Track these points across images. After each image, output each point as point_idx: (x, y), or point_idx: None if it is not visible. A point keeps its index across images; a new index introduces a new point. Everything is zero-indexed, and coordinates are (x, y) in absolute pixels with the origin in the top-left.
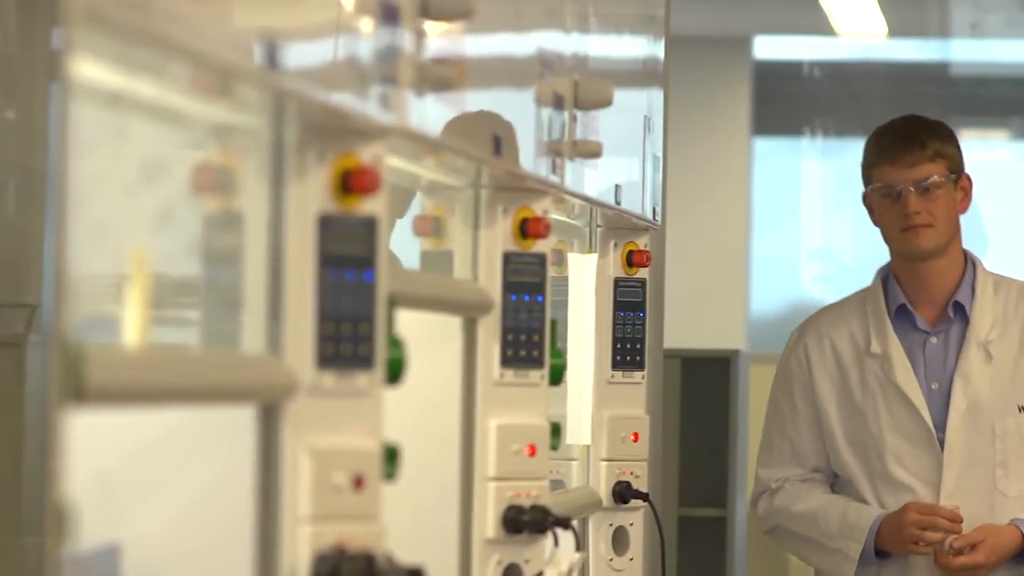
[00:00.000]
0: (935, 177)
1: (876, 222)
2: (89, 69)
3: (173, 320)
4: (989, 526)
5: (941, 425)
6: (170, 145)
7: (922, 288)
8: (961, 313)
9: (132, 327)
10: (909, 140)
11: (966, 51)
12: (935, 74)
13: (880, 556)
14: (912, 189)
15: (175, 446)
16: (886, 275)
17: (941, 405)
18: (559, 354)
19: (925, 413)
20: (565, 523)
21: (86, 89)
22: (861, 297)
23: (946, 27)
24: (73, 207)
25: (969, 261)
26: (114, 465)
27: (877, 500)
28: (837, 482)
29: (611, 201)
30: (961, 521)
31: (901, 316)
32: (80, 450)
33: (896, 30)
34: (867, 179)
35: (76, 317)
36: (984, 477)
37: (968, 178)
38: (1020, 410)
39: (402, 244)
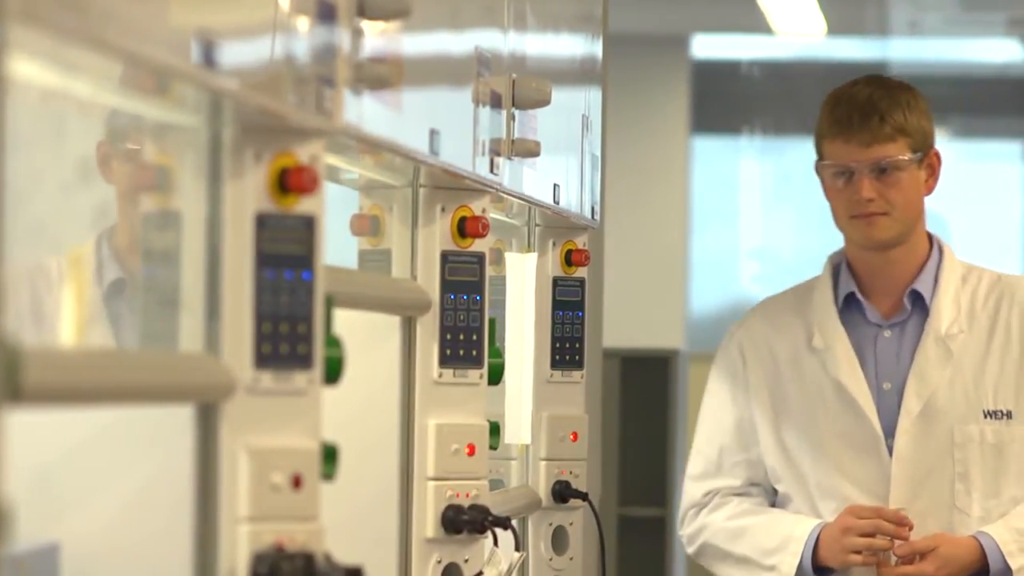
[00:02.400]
0: (896, 158)
1: (827, 198)
2: (24, 67)
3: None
4: (944, 535)
5: (892, 431)
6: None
7: (877, 277)
8: (920, 304)
9: (69, 326)
10: (866, 114)
11: (905, 50)
12: (874, 73)
13: (820, 573)
14: (867, 172)
15: (113, 445)
16: (838, 262)
17: (893, 408)
18: (498, 353)
19: (872, 416)
20: (504, 523)
21: (21, 88)
22: (808, 286)
23: (885, 26)
24: (9, 206)
25: (935, 247)
26: (52, 464)
27: (816, 516)
28: (778, 499)
29: (549, 200)
30: (910, 527)
31: (851, 307)
32: (17, 449)
33: (834, 29)
34: (818, 150)
35: (12, 316)
36: (940, 492)
37: (937, 155)
38: (985, 416)
39: (340, 243)
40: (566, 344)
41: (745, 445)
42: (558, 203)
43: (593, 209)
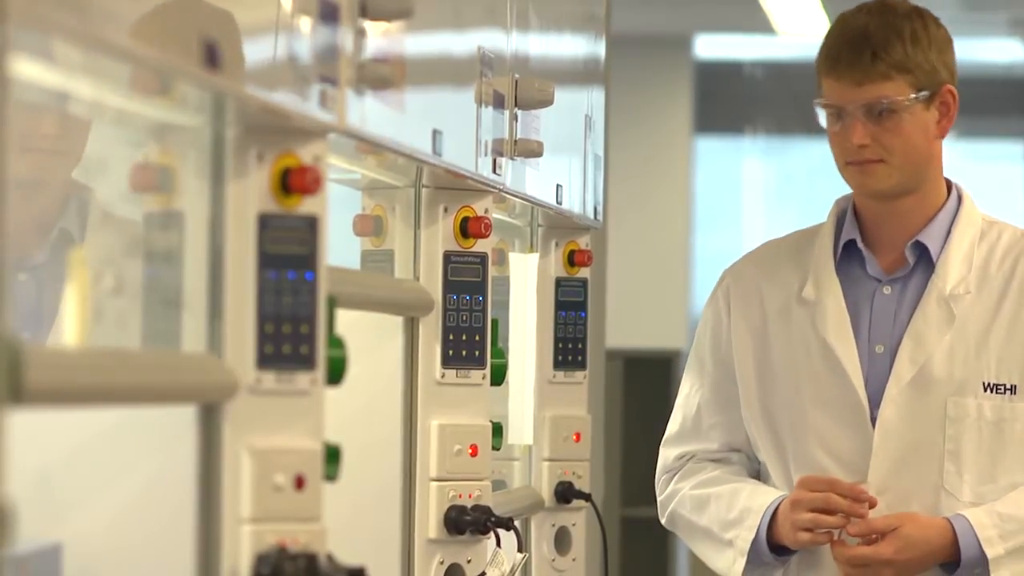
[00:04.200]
0: (892, 99)
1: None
2: (26, 68)
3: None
4: (909, 514)
5: (879, 399)
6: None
7: (881, 227)
8: (927, 259)
9: (72, 326)
10: (857, 49)
11: None
12: None
13: (778, 553)
14: (860, 114)
15: (115, 446)
16: (844, 207)
17: (883, 373)
18: (500, 354)
19: (858, 381)
20: (507, 523)
21: (23, 88)
22: (812, 231)
23: None
24: (11, 206)
25: (953, 196)
26: (54, 465)
27: (790, 489)
28: (761, 470)
29: (552, 201)
30: (870, 504)
31: (851, 258)
32: (20, 450)
33: None
34: (818, 87)
35: (14, 316)
36: (928, 472)
37: (952, 92)
38: (986, 389)
39: (343, 243)
40: (569, 345)
41: (724, 405)
42: (561, 203)
43: (596, 209)
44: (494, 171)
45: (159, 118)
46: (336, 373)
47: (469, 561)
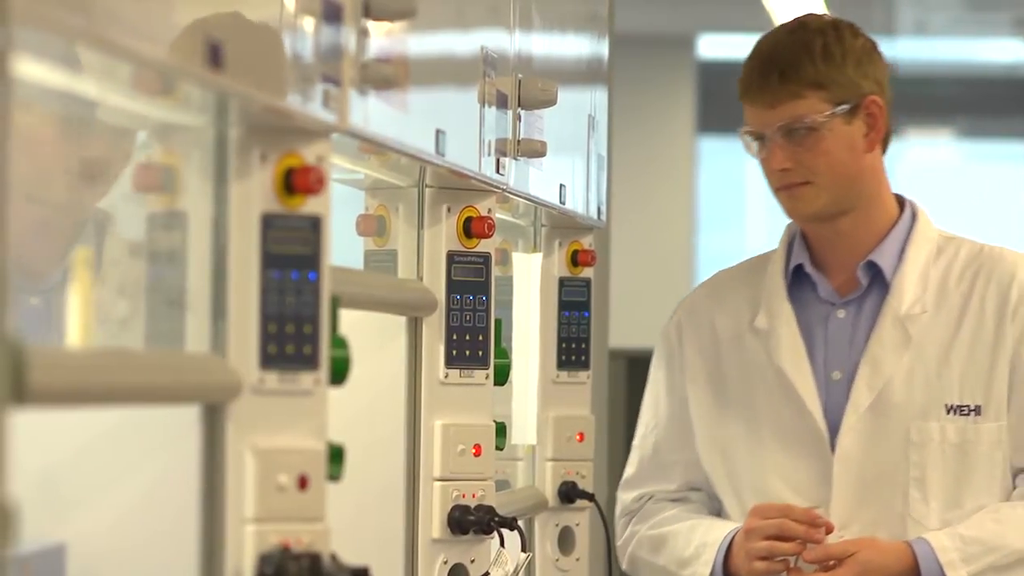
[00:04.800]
0: (808, 117)
1: None
2: (30, 68)
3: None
4: (867, 539)
5: (838, 427)
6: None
7: (828, 250)
8: (880, 278)
9: (75, 327)
10: (765, 71)
11: (911, 50)
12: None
13: None
14: (778, 137)
15: (119, 446)
16: (795, 232)
17: (841, 400)
18: (504, 354)
19: (815, 409)
20: (511, 523)
21: (27, 88)
22: (765, 258)
23: (891, 26)
24: (13, 206)
25: (907, 213)
26: (57, 465)
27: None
28: (722, 507)
29: (555, 201)
30: (827, 529)
31: (801, 282)
32: (23, 450)
33: None
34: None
35: (17, 316)
36: (892, 500)
37: (877, 103)
38: (948, 411)
39: (346, 243)
40: (572, 344)
41: (682, 443)
42: (564, 203)
43: (599, 209)
44: (497, 171)
45: (162, 118)
46: (339, 373)
47: (473, 561)
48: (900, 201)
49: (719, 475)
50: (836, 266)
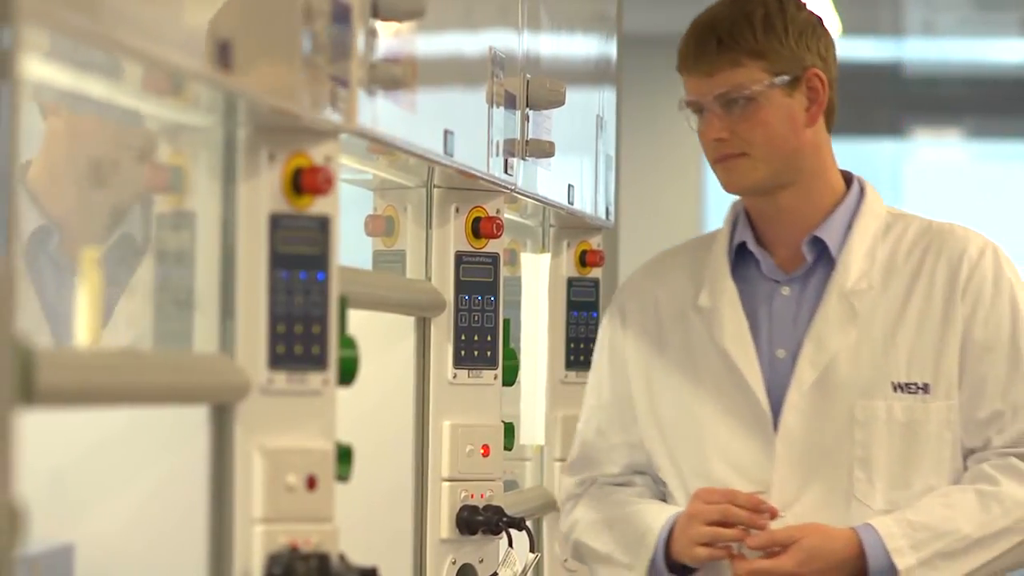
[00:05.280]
0: (745, 86)
1: None
2: (39, 68)
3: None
4: (812, 525)
5: (782, 406)
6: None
7: (771, 226)
8: (827, 255)
9: (84, 327)
10: (704, 39)
11: (919, 50)
12: (888, 73)
13: (679, 572)
14: (716, 107)
15: (127, 446)
16: (739, 211)
17: (786, 379)
18: (512, 354)
19: (758, 388)
20: (519, 523)
21: (36, 88)
22: (708, 238)
23: (899, 26)
24: (22, 206)
25: (854, 189)
26: (66, 465)
27: None
28: (666, 488)
29: (564, 201)
30: (771, 514)
31: (746, 260)
32: (32, 450)
33: (849, 29)
34: None
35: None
36: (838, 480)
37: (818, 76)
38: (895, 389)
39: (355, 243)
40: (581, 345)
41: (624, 425)
42: (572, 204)
43: (607, 209)
44: (506, 171)
45: (170, 118)
46: (348, 373)
47: (481, 561)
48: (848, 178)
49: (662, 457)
50: (780, 243)
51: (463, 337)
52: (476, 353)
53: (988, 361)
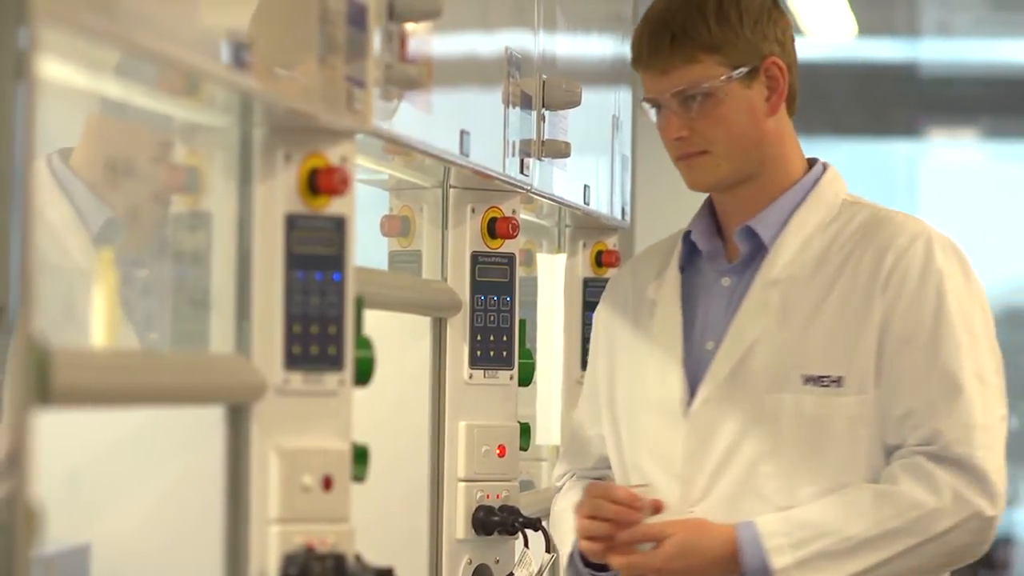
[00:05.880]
0: (703, 82)
1: None
2: (55, 69)
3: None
4: (690, 521)
5: None
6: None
7: (727, 216)
8: (762, 245)
9: (100, 327)
10: (657, 36)
11: (935, 50)
12: (903, 74)
13: (596, 568)
14: (674, 104)
15: (144, 446)
16: (706, 200)
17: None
18: (528, 355)
19: (676, 380)
20: (535, 524)
21: (52, 88)
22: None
23: (915, 26)
24: (39, 207)
25: (809, 177)
26: (83, 465)
27: None
28: None
29: (580, 201)
30: (655, 508)
31: (693, 250)
32: (48, 451)
33: (865, 29)
34: None
35: (43, 317)
36: (745, 474)
37: (777, 64)
38: (807, 382)
39: (371, 244)
40: None
41: (594, 418)
42: (588, 204)
43: (623, 210)
44: (521, 172)
45: (186, 118)
46: (364, 374)
47: (497, 561)
48: (812, 164)
49: (611, 449)
50: (730, 233)
51: (479, 337)
52: (492, 353)
53: (905, 355)
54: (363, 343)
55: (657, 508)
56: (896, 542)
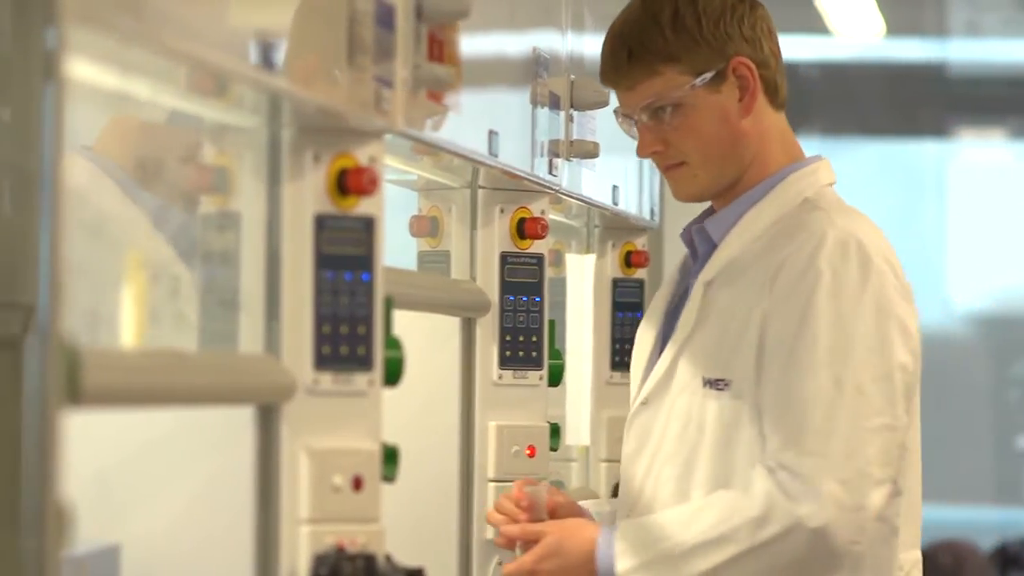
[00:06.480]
0: (669, 94)
1: None
2: (83, 69)
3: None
4: (562, 522)
5: None
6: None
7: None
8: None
9: (129, 328)
10: (616, 50)
11: (963, 51)
12: (932, 74)
13: None
14: (645, 119)
15: (174, 447)
16: None
17: None
18: (558, 355)
19: (633, 386)
20: None
21: (80, 89)
22: None
23: (943, 26)
24: (68, 207)
25: (778, 174)
26: (113, 466)
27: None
28: None
29: (608, 202)
30: (532, 510)
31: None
32: (78, 451)
33: (893, 29)
34: None
35: (72, 318)
36: (664, 476)
37: (744, 63)
38: (705, 384)
39: (399, 244)
40: (626, 345)
41: None
42: (617, 204)
43: (652, 210)
44: (550, 172)
45: (215, 119)
46: (393, 374)
47: None
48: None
49: None
50: None
51: (508, 338)
52: (521, 354)
53: (771, 360)
54: (393, 343)
55: (551, 508)
56: (722, 549)
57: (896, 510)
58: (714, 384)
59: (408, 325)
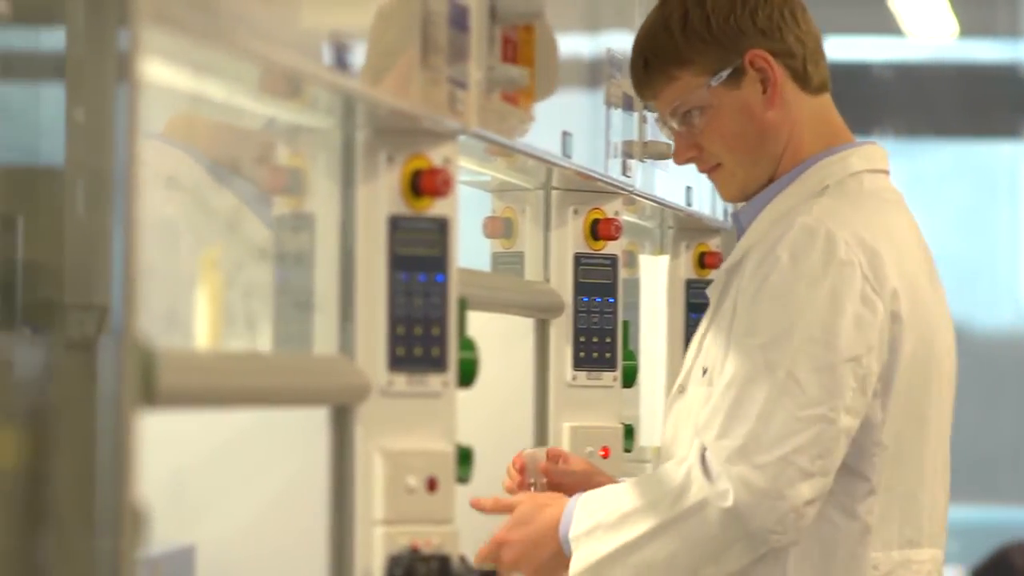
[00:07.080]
0: (689, 99)
1: None
2: (157, 70)
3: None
4: (539, 494)
5: None
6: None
7: None
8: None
9: (204, 329)
10: (636, 61)
11: None
12: (1005, 74)
13: None
14: (677, 125)
15: (248, 448)
16: None
17: None
18: (631, 356)
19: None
20: None
21: (154, 89)
22: None
23: (1016, 27)
24: (142, 208)
25: (808, 161)
26: (188, 467)
27: None
28: None
29: (682, 202)
30: (524, 472)
31: None
32: (154, 452)
33: (966, 30)
34: None
35: (147, 319)
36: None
37: (759, 55)
38: (703, 374)
39: (473, 245)
40: None
41: None
42: (691, 205)
43: (725, 211)
44: (624, 173)
45: (289, 120)
46: (468, 375)
47: None
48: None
49: None
50: None
51: (582, 339)
52: (595, 355)
53: (728, 346)
54: (467, 344)
55: (558, 477)
56: (645, 519)
57: (869, 508)
58: (704, 372)
59: (482, 326)
